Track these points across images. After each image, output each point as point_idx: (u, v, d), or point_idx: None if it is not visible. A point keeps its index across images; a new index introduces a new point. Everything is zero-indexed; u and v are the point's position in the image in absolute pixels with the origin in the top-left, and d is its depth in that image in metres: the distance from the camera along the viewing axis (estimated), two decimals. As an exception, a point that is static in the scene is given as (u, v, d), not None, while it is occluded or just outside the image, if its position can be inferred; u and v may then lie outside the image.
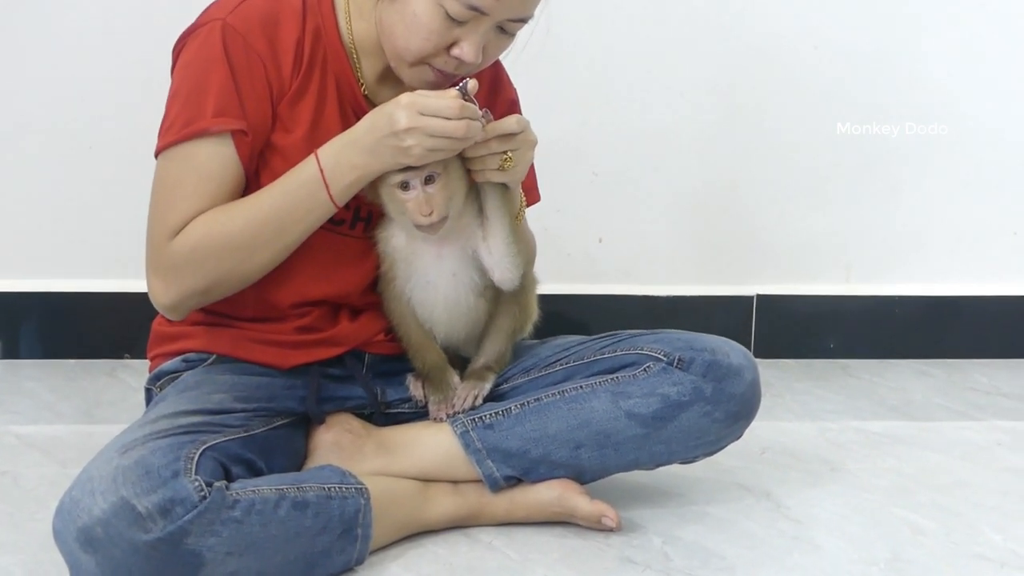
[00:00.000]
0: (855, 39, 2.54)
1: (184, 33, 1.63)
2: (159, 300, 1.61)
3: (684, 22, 2.50)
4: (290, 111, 1.61)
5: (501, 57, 1.68)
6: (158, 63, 1.68)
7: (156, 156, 1.60)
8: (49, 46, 2.36)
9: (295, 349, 1.69)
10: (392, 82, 1.65)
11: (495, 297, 1.71)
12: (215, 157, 1.57)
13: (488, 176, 1.59)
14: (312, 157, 1.56)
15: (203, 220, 1.56)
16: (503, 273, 1.67)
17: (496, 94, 1.76)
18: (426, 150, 1.51)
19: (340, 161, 1.55)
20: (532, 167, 1.71)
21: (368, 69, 1.66)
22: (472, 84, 1.53)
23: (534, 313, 1.78)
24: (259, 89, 1.59)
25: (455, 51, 1.56)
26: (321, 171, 1.54)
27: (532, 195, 1.78)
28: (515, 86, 1.82)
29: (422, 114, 1.49)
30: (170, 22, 1.67)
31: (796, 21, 2.52)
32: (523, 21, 1.58)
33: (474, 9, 1.53)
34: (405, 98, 1.51)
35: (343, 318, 1.72)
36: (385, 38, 1.61)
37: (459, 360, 1.76)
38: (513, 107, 1.80)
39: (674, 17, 2.49)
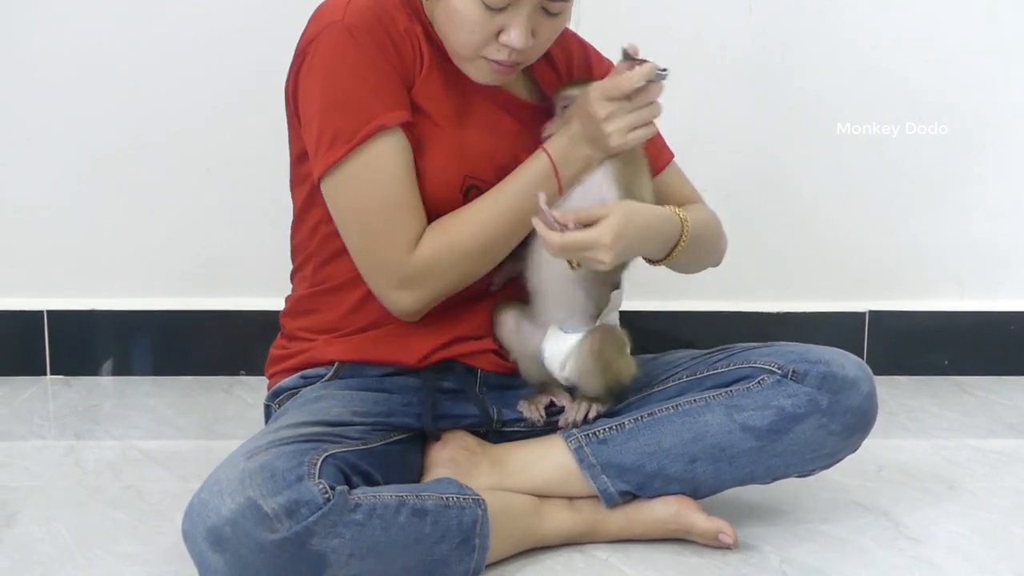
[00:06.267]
0: (967, 51, 2.51)
1: (300, 50, 1.64)
2: (406, 309, 1.67)
3: (795, 39, 2.48)
4: (417, 96, 1.64)
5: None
6: (277, 87, 1.71)
7: (322, 173, 1.61)
8: (169, 70, 2.41)
9: (421, 339, 1.71)
10: None
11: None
12: (398, 153, 1.61)
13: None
14: (541, 152, 1.64)
15: (435, 233, 1.63)
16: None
17: (593, 73, 1.79)
18: (624, 132, 1.59)
19: (569, 154, 1.63)
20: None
21: None
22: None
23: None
24: (396, 77, 1.62)
25: (503, 38, 1.58)
26: (553, 163, 1.62)
27: (664, 154, 1.84)
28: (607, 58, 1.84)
29: (610, 99, 1.57)
30: (288, 46, 1.69)
31: (907, 33, 2.49)
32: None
33: None
34: (592, 91, 1.59)
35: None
36: (442, 38, 1.64)
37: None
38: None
39: (786, 34, 2.48)
